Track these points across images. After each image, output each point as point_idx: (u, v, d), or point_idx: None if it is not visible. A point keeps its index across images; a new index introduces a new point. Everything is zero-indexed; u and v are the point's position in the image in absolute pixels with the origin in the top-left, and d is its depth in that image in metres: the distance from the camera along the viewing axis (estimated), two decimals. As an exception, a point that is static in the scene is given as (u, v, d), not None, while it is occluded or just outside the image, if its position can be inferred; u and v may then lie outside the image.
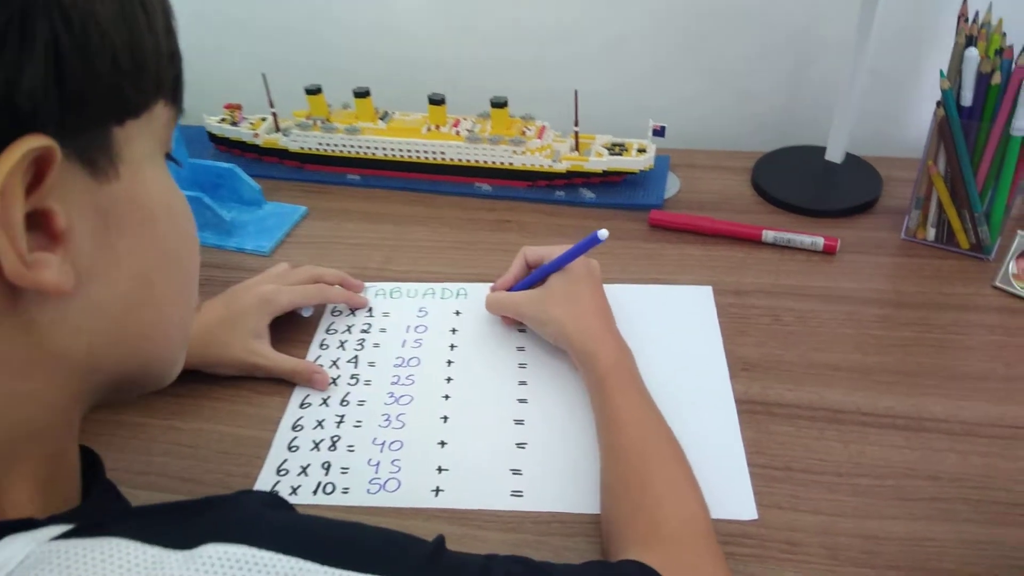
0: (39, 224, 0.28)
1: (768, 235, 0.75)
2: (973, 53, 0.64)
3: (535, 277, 0.66)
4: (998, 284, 0.69)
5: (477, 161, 0.84)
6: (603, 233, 0.60)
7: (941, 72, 0.67)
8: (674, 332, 0.67)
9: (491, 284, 0.72)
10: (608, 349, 0.59)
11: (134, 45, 0.29)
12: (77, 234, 0.29)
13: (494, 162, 0.84)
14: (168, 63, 0.32)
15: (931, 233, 0.74)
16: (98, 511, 0.34)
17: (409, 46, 0.96)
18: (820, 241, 0.74)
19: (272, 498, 0.36)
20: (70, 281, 0.29)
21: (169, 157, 0.35)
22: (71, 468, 0.35)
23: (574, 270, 0.64)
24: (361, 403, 0.62)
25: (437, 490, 0.55)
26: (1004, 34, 0.66)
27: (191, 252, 0.37)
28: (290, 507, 0.36)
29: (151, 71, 0.31)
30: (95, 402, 0.34)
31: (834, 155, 0.84)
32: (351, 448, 0.59)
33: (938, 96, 0.69)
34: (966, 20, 0.66)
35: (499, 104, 0.81)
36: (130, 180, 0.31)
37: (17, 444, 0.31)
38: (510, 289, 0.68)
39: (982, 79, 0.65)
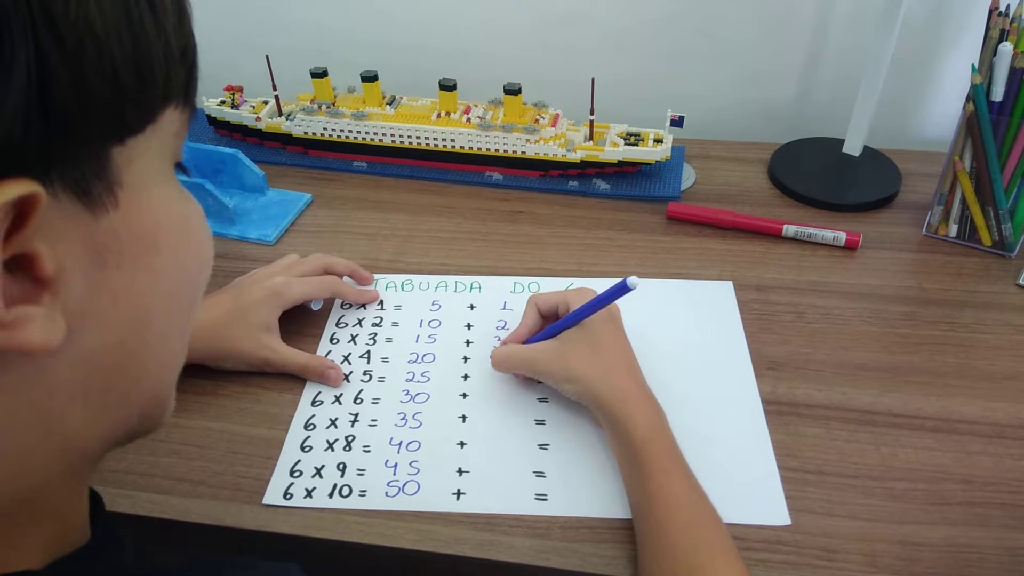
0: (21, 268, 0.23)
1: (789, 229, 0.73)
2: (1007, 48, 0.62)
3: (553, 331, 0.58)
4: (1022, 283, 0.68)
5: (488, 149, 0.81)
6: (633, 281, 0.51)
7: (973, 66, 0.65)
8: (696, 328, 0.65)
9: (506, 278, 0.70)
10: (643, 413, 0.52)
11: (139, 55, 0.24)
12: (68, 277, 0.24)
13: (506, 150, 0.81)
14: (180, 62, 0.26)
15: (953, 229, 0.73)
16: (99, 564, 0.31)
17: (418, 33, 0.92)
18: (842, 236, 0.72)
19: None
20: (59, 335, 0.24)
21: (179, 166, 0.30)
22: (77, 517, 0.31)
23: (592, 317, 0.56)
24: (375, 401, 0.60)
25: (458, 493, 0.53)
26: (1036, 28, 0.65)
27: (199, 278, 0.31)
28: None
29: (159, 79, 0.25)
30: (99, 458, 0.30)
31: (852, 148, 0.82)
32: (367, 448, 0.57)
33: (959, 90, 0.68)
34: (999, 13, 0.64)
35: (512, 91, 0.79)
36: (131, 207, 0.25)
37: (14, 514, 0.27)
38: (523, 343, 0.60)
39: (1015, 74, 0.63)
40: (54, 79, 0.21)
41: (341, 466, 0.55)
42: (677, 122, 0.78)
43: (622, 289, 0.53)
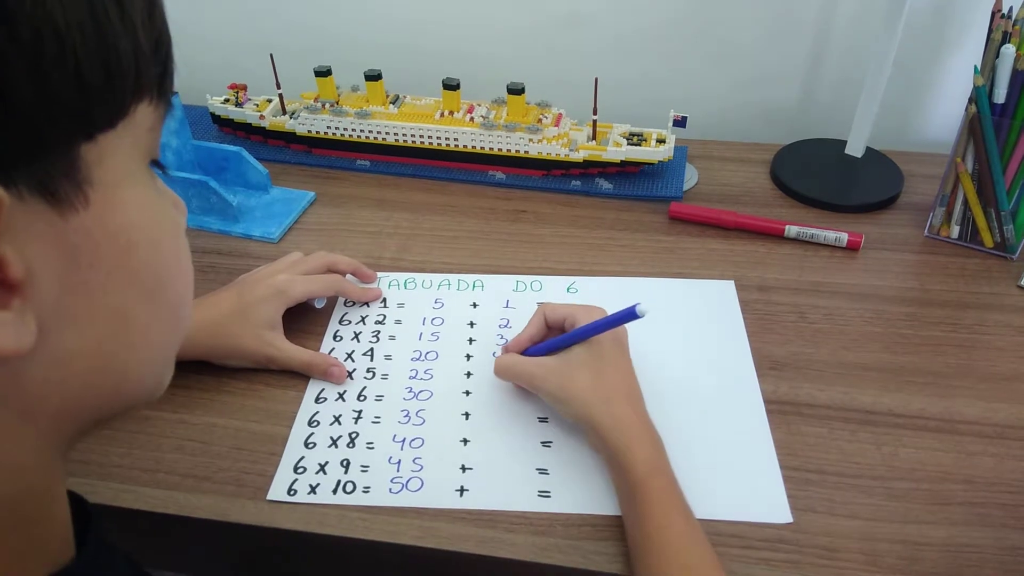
0: None
1: (791, 230, 0.73)
2: (1010, 50, 0.63)
3: (557, 344, 0.57)
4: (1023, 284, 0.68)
5: (491, 148, 0.82)
6: (642, 308, 0.51)
7: (975, 68, 0.65)
8: (698, 328, 0.65)
9: (508, 277, 0.71)
10: (643, 447, 0.50)
11: (105, 50, 0.23)
12: (39, 279, 0.23)
13: (509, 150, 0.81)
14: (151, 56, 0.26)
15: (955, 231, 0.73)
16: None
17: (421, 34, 0.93)
18: (844, 237, 0.72)
19: None
20: (29, 338, 0.23)
21: (155, 163, 0.29)
22: (59, 525, 0.30)
23: (599, 338, 0.55)
24: (379, 398, 0.60)
25: (462, 490, 0.54)
26: (1038, 30, 0.65)
27: (179, 274, 0.31)
28: None
29: (128, 74, 0.24)
30: (76, 443, 0.30)
31: (855, 149, 0.82)
32: (371, 445, 0.57)
33: (961, 92, 0.69)
34: (1002, 15, 0.65)
35: (516, 91, 0.79)
36: (104, 205, 0.25)
37: None
38: (525, 351, 0.59)
39: (1017, 76, 0.64)
40: (11, 76, 0.21)
41: (345, 463, 0.55)
42: (680, 122, 0.78)
43: (630, 315, 0.52)
